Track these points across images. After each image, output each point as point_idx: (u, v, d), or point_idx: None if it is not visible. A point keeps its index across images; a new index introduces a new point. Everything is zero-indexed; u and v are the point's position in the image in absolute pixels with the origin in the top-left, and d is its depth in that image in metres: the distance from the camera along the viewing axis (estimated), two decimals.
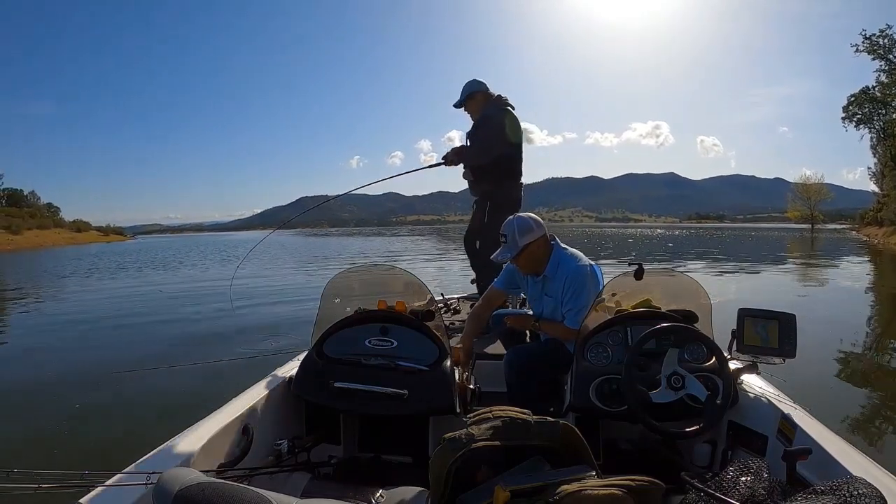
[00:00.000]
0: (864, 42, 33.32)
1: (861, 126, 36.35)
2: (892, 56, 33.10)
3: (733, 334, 1.69)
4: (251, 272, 13.92)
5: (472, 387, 1.75)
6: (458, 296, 3.66)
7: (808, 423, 1.41)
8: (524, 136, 3.49)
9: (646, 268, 1.90)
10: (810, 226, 55.26)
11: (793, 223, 64.92)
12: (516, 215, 2.15)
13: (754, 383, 1.72)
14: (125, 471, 1.16)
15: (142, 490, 1.07)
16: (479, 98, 3.44)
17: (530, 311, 2.39)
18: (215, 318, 7.51)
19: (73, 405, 3.85)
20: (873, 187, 39.97)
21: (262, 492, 0.73)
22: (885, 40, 32.76)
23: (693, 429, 1.53)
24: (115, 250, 36.71)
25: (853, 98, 36.46)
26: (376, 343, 1.78)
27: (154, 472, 1.04)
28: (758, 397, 1.65)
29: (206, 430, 1.41)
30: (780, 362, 1.63)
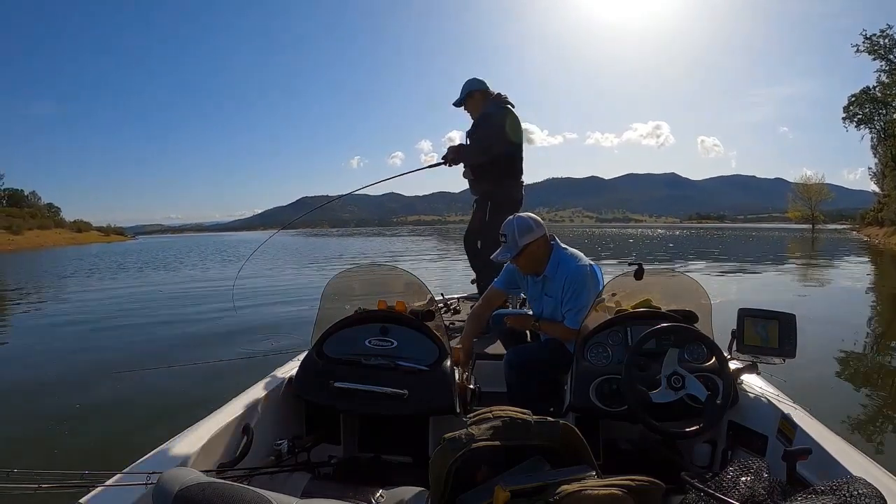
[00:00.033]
0: (864, 42, 33.41)
1: (862, 126, 36.45)
2: (892, 56, 33.14)
3: (733, 334, 1.70)
4: (251, 272, 13.90)
5: (472, 387, 1.76)
6: (458, 296, 3.65)
7: (808, 423, 1.41)
8: (525, 136, 3.47)
9: (646, 268, 1.90)
10: (811, 226, 55.12)
11: (793, 223, 64.86)
12: (516, 215, 2.14)
13: (754, 383, 1.72)
14: (125, 471, 1.16)
15: (142, 490, 1.07)
16: (479, 96, 3.42)
17: (530, 311, 2.39)
18: (215, 318, 7.50)
19: (73, 405, 3.84)
20: (874, 187, 40.10)
21: (262, 492, 0.73)
22: (886, 40, 32.83)
23: (693, 429, 1.53)
24: (115, 250, 36.74)
25: (854, 98, 36.51)
26: (376, 343, 1.79)
27: (154, 472, 1.04)
28: (758, 397, 1.65)
29: (206, 430, 1.41)
30: (780, 362, 1.63)
